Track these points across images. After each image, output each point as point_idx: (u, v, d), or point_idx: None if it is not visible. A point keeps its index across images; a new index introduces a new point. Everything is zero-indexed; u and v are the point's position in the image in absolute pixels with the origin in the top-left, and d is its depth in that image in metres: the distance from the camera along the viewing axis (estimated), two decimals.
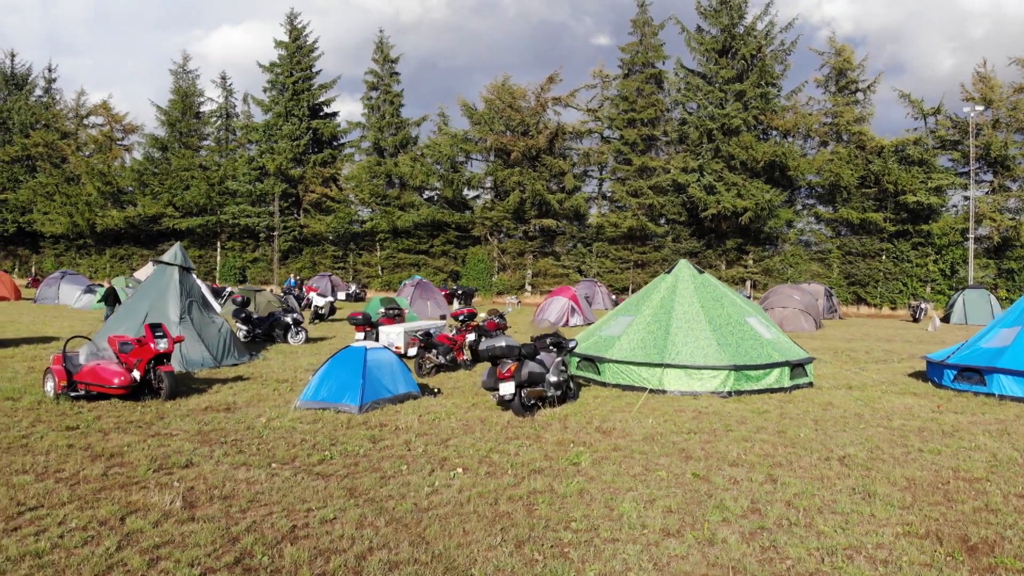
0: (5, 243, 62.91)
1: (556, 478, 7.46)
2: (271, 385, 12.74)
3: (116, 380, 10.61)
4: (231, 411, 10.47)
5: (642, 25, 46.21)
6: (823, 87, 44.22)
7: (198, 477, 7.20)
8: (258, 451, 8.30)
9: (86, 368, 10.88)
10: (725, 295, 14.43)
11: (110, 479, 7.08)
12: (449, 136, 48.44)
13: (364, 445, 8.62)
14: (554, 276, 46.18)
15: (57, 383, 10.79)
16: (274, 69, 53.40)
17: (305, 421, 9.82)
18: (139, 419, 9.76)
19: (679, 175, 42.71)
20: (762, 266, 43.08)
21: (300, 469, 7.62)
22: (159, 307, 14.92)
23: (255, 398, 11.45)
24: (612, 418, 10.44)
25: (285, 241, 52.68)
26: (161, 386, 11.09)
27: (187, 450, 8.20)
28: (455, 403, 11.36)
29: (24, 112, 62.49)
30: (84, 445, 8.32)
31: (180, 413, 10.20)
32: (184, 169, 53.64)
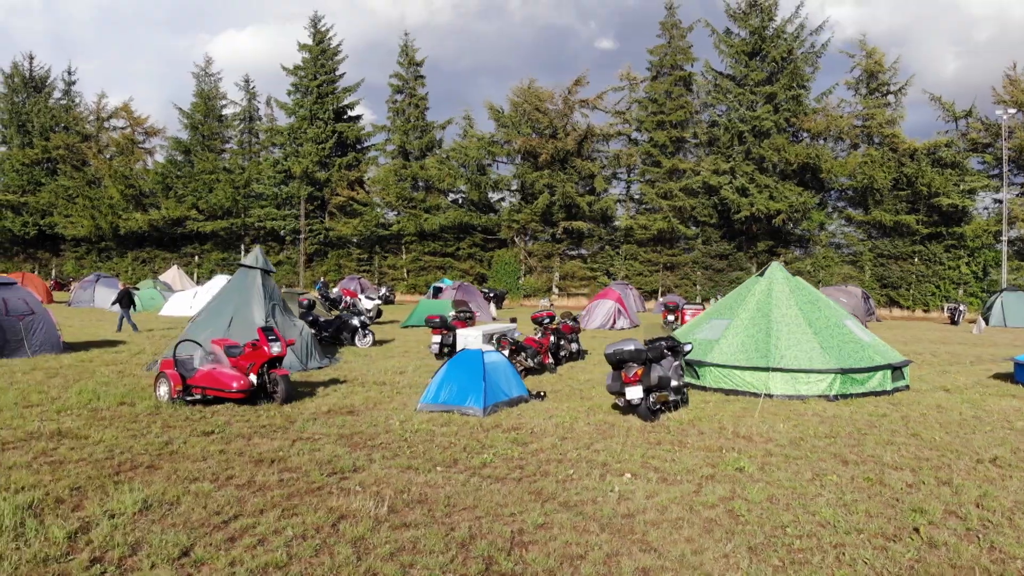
0: (25, 246, 62.81)
1: (735, 484, 7.33)
2: (372, 387, 12.63)
3: (235, 384, 10.50)
4: (354, 414, 10.36)
5: (670, 27, 46.19)
6: (853, 89, 44.19)
7: (378, 481, 7.08)
8: (413, 454, 8.18)
9: (202, 372, 10.76)
10: (820, 298, 14.32)
11: (290, 484, 6.96)
12: (476, 139, 48.37)
13: (515, 449, 8.50)
14: (582, 279, 46.09)
15: (172, 388, 10.67)
16: (297, 72, 53.38)
17: (436, 423, 9.71)
18: (269, 423, 9.64)
19: (711, 177, 42.63)
20: (793, 268, 42.90)
21: (469, 472, 7.50)
22: (244, 310, 14.81)
23: (369, 401, 11.33)
24: (742, 423, 10.31)
25: (311, 244, 52.59)
26: (276, 390, 10.97)
27: (343, 454, 8.09)
28: (569, 407, 11.24)
29: (44, 114, 62.44)
30: (237, 450, 8.20)
31: (305, 417, 10.08)
32: (208, 172, 53.57)
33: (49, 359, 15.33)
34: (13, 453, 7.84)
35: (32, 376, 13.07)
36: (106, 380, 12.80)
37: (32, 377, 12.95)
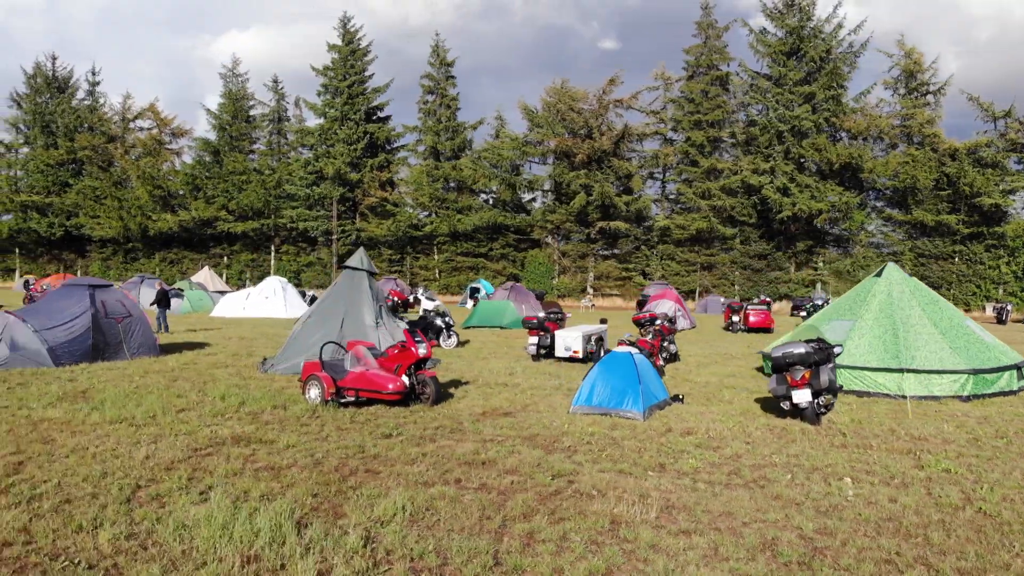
0: (50, 247, 62.66)
1: (957, 485, 7.24)
2: (500, 389, 12.51)
3: (390, 386, 10.39)
4: (512, 416, 10.24)
5: (706, 27, 46.09)
6: (891, 89, 44.09)
7: (607, 486, 6.96)
8: (612, 458, 8.06)
9: (354, 374, 10.64)
10: (939, 298, 14.24)
11: (523, 486, 6.85)
12: (510, 139, 48.25)
13: (710, 454, 8.38)
14: (617, 279, 45.98)
15: (325, 390, 10.55)
16: (327, 73, 53.25)
17: (604, 426, 9.59)
18: (440, 425, 9.53)
19: (751, 177, 42.53)
20: (832, 268, 42.87)
21: (688, 477, 7.38)
22: (355, 312, 14.72)
23: (514, 403, 11.21)
24: (904, 425, 10.22)
25: (343, 245, 52.47)
26: (425, 391, 10.87)
27: (540, 456, 7.97)
28: (715, 410, 11.13)
29: (68, 115, 62.32)
30: (435, 453, 8.08)
31: (469, 419, 9.96)
32: (239, 173, 53.45)
33: (152, 361, 15.22)
34: (214, 459, 7.72)
35: (152, 379, 12.94)
36: (236, 383, 12.67)
37: (152, 380, 12.83)
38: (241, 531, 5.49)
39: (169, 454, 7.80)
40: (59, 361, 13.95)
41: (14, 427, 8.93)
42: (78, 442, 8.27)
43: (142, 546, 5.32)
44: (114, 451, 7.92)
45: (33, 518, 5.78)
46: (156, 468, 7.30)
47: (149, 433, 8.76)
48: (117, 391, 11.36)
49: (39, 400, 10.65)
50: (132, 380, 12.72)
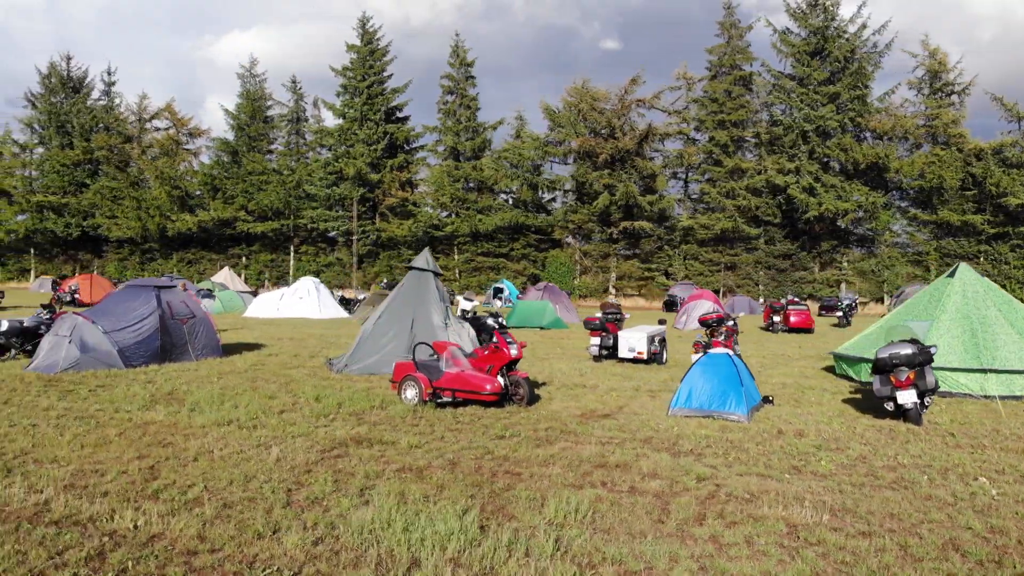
0: (66, 247, 62.57)
1: None
2: (580, 390, 12.45)
3: (488, 387, 10.33)
4: (612, 417, 10.19)
5: (729, 27, 46.05)
6: (916, 89, 44.04)
7: (761, 490, 6.91)
8: (741, 461, 8.00)
9: (450, 375, 10.58)
10: (1012, 299, 14.21)
11: (672, 489, 6.79)
12: (532, 139, 48.21)
13: (836, 456, 8.32)
14: (639, 279, 45.92)
15: (423, 391, 10.50)
16: (346, 73, 53.19)
17: (712, 428, 9.51)
18: (549, 426, 9.47)
19: (776, 176, 42.48)
20: (856, 268, 42.83)
21: (829, 479, 7.32)
22: (423, 313, 14.67)
23: (607, 405, 11.16)
24: (1004, 424, 10.20)
25: (363, 245, 52.41)
26: (519, 392, 10.81)
27: (669, 460, 7.91)
28: (815, 411, 11.07)
29: (84, 115, 62.23)
30: (567, 456, 8.02)
31: (571, 420, 9.91)
32: (258, 173, 53.39)
33: (219, 363, 15.18)
34: (348, 460, 7.67)
35: (231, 380, 12.89)
36: (319, 383, 12.62)
37: (233, 381, 12.78)
38: (426, 533, 5.43)
39: (301, 456, 7.74)
40: (129, 362, 13.89)
41: (124, 431, 8.87)
42: (199, 445, 8.21)
43: (334, 550, 5.27)
44: (241, 454, 7.87)
45: (205, 524, 5.72)
46: (294, 470, 7.25)
47: (263, 435, 8.70)
48: (206, 393, 11.30)
49: (131, 403, 10.58)
50: (211, 381, 12.67)
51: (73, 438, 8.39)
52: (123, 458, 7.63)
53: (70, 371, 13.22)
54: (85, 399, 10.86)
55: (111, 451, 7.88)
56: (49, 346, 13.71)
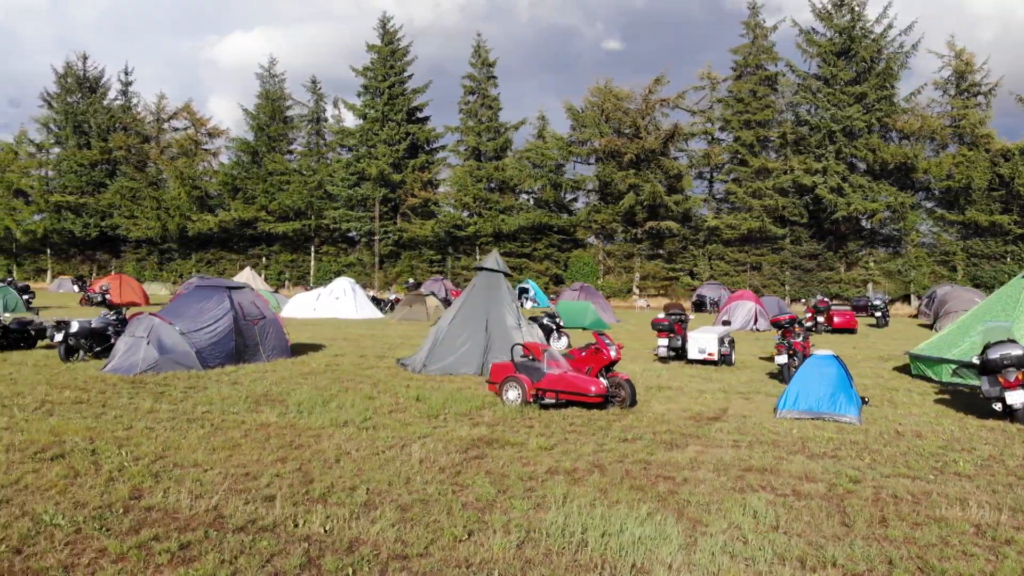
0: (83, 247, 62.44)
1: None
2: (677, 394, 12.35)
3: (593, 389, 10.28)
4: (723, 420, 10.14)
5: (753, 27, 46.01)
6: (942, 89, 44.00)
7: (920, 492, 6.85)
8: (878, 462, 7.95)
9: (553, 376, 10.52)
10: None
11: (835, 492, 6.74)
12: (555, 139, 48.17)
13: (963, 456, 8.27)
14: (663, 279, 45.86)
15: (527, 392, 10.46)
16: (367, 73, 53.13)
17: (830, 430, 9.44)
18: (670, 430, 9.41)
19: (804, 177, 42.43)
20: (883, 268, 42.79)
21: (971, 479, 7.27)
22: (496, 314, 14.63)
23: (708, 407, 11.11)
24: None
25: (385, 246, 52.35)
26: (620, 393, 10.76)
27: (806, 462, 7.86)
28: (917, 412, 11.02)
29: (101, 115, 62.11)
30: (707, 459, 7.97)
31: (683, 423, 9.86)
32: (279, 173, 53.33)
33: (292, 363, 15.14)
34: (489, 462, 7.62)
35: (317, 381, 12.85)
36: (410, 383, 12.59)
37: (319, 382, 12.73)
38: (629, 538, 5.39)
39: (444, 457, 7.70)
40: (206, 363, 13.85)
41: (246, 433, 8.82)
42: (332, 446, 8.17)
43: (544, 552, 5.23)
44: (379, 455, 7.83)
45: (396, 527, 5.68)
46: (444, 471, 7.21)
47: (387, 436, 8.65)
48: (305, 395, 11.26)
49: (233, 405, 10.53)
50: (297, 383, 12.62)
51: (198, 441, 8.34)
52: (264, 461, 7.59)
53: (149, 372, 13.17)
54: (182, 401, 10.82)
55: (246, 454, 7.84)
56: (125, 347, 13.66)
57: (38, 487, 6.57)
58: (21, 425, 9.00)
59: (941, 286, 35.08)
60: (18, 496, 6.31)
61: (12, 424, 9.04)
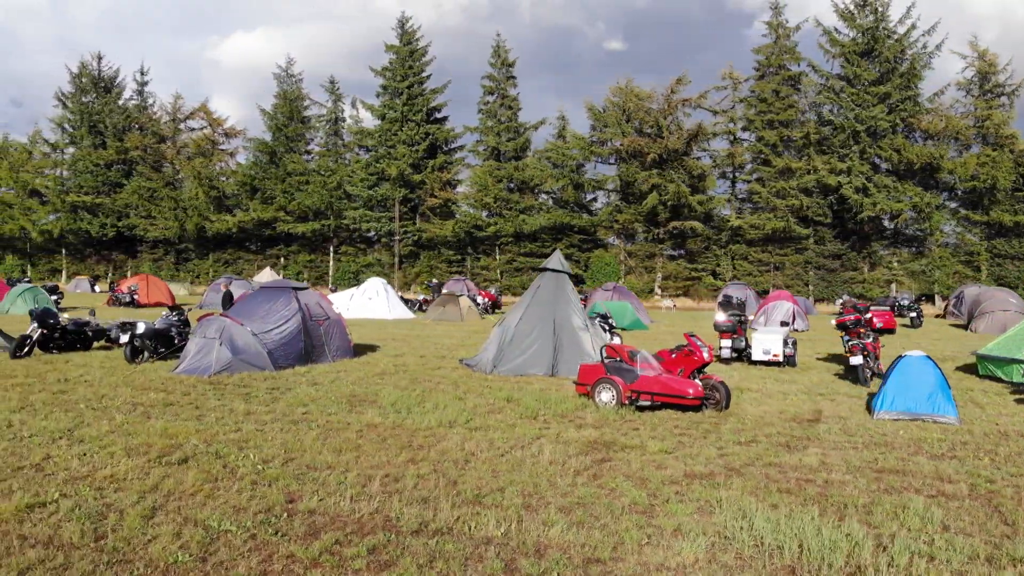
0: (98, 247, 62.38)
1: None
2: (758, 396, 12.33)
3: (690, 391, 10.23)
4: (823, 422, 10.09)
5: (776, 27, 45.98)
6: (965, 90, 43.99)
7: None
8: (1000, 463, 7.91)
9: (648, 378, 10.48)
10: None
11: (977, 492, 6.71)
12: (576, 139, 48.14)
13: None
14: (685, 279, 45.82)
15: (622, 394, 10.41)
16: (385, 73, 53.08)
17: (935, 432, 9.42)
18: (777, 431, 9.39)
19: (828, 177, 42.39)
20: (907, 268, 42.76)
21: None
22: (563, 315, 14.60)
23: (802, 409, 11.07)
24: None
25: (405, 246, 52.32)
26: (715, 395, 10.71)
27: (934, 464, 7.82)
28: (1006, 412, 11.00)
29: (117, 115, 62.06)
30: (843, 464, 7.94)
31: (786, 424, 9.83)
32: (299, 173, 53.30)
33: (359, 363, 15.11)
34: (616, 464, 7.59)
35: (396, 381, 12.81)
36: (489, 385, 12.55)
37: (398, 382, 12.69)
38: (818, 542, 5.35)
39: (573, 461, 7.65)
40: (277, 364, 13.81)
41: (360, 433, 8.79)
42: (452, 447, 8.14)
43: (737, 557, 5.19)
44: (506, 456, 7.80)
45: (572, 530, 5.64)
46: (581, 474, 7.18)
47: (501, 438, 8.60)
48: (395, 395, 11.22)
49: (326, 405, 10.50)
50: (374, 382, 12.59)
51: (316, 443, 8.30)
52: (394, 462, 7.55)
53: (223, 373, 13.12)
54: (273, 402, 10.79)
55: (372, 455, 7.80)
56: (197, 348, 13.60)
57: (182, 492, 6.52)
58: (127, 428, 8.95)
59: (968, 286, 35.05)
60: (169, 502, 6.27)
61: (117, 427, 8.99)
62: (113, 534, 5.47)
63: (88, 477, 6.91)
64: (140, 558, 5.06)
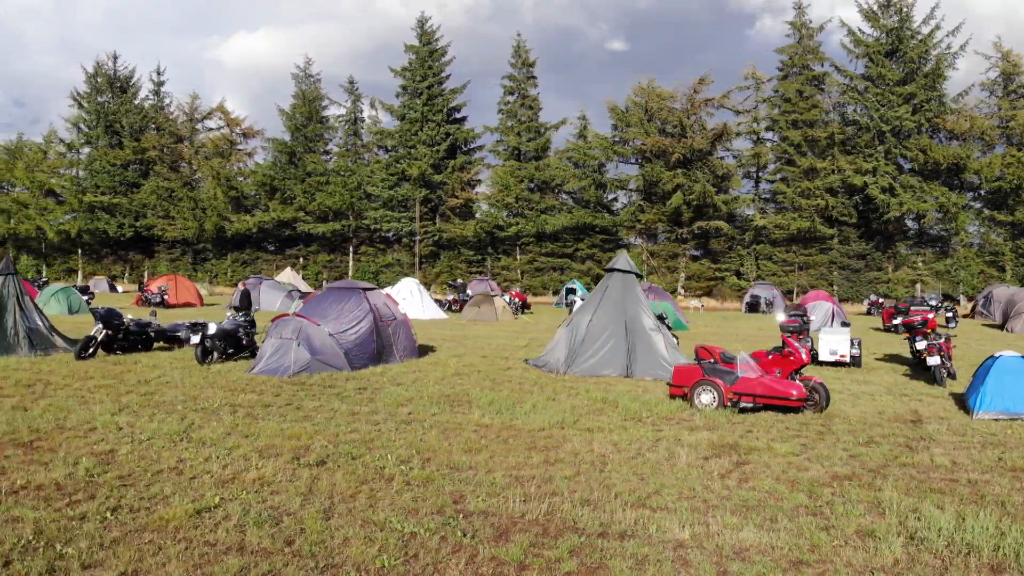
0: (115, 247, 62.32)
1: None
2: (838, 395, 12.35)
3: (794, 393, 10.24)
4: (927, 422, 10.09)
5: (800, 27, 45.99)
6: (989, 90, 43.99)
7: None
8: None
9: (748, 380, 10.48)
10: None
11: None
12: (599, 139, 48.15)
13: None
14: (709, 279, 45.83)
15: (723, 396, 10.42)
16: (405, 74, 53.07)
17: None
18: (890, 433, 9.39)
19: (854, 177, 42.41)
20: (931, 269, 42.78)
21: None
22: (634, 316, 14.58)
23: (898, 409, 11.07)
24: None
25: (426, 246, 52.32)
26: (814, 396, 10.71)
27: None
28: None
29: (134, 114, 62.02)
30: (971, 463, 7.94)
31: (887, 423, 9.83)
32: (319, 174, 53.30)
33: (429, 364, 15.14)
34: (763, 467, 7.59)
35: (476, 381, 12.81)
36: (573, 386, 12.56)
37: (479, 382, 12.70)
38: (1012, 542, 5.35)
39: (712, 464, 7.65)
40: (352, 365, 13.82)
41: (482, 434, 8.79)
42: (579, 449, 8.15)
43: (934, 555, 5.20)
44: (639, 458, 7.79)
45: (765, 533, 5.64)
46: (726, 476, 7.18)
47: (622, 439, 8.61)
48: (487, 396, 11.24)
49: (425, 406, 10.51)
50: (455, 382, 12.60)
51: (442, 443, 8.32)
52: (531, 463, 7.57)
53: (303, 374, 13.14)
54: (369, 402, 10.81)
55: (504, 456, 7.81)
56: (273, 349, 13.60)
57: (341, 494, 6.51)
58: (241, 430, 8.95)
59: (996, 286, 35.06)
60: (335, 504, 6.27)
61: (231, 429, 8.98)
62: (301, 538, 5.47)
63: (234, 480, 6.92)
64: (345, 562, 5.07)
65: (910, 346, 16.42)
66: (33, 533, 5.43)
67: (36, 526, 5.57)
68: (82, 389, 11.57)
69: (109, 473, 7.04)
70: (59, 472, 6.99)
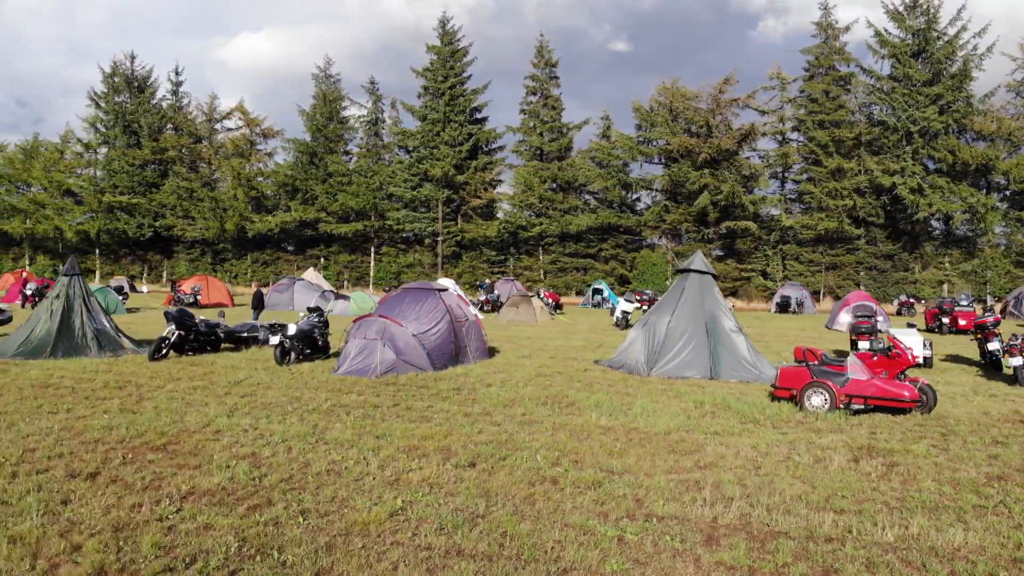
0: (134, 247, 62.25)
1: None
2: (944, 397, 12.35)
3: (906, 394, 10.24)
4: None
5: (826, 28, 45.99)
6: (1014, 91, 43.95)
7: None
8: None
9: (859, 382, 10.46)
10: None
11: None
12: (624, 138, 48.13)
13: None
14: (735, 279, 45.80)
15: (836, 398, 10.41)
16: (426, 74, 53.04)
17: None
18: (1009, 434, 9.39)
19: (883, 177, 42.40)
20: (959, 269, 42.78)
21: None
22: (713, 317, 14.56)
23: (992, 408, 11.07)
24: None
25: (448, 246, 52.30)
26: (922, 398, 10.70)
27: None
28: None
29: (152, 114, 61.94)
30: None
31: (999, 424, 9.84)
32: (341, 174, 53.26)
33: (503, 364, 15.14)
34: (913, 470, 7.59)
35: (563, 383, 12.81)
36: (665, 388, 12.56)
37: (569, 384, 12.70)
38: None
39: (865, 466, 7.65)
40: (434, 365, 13.83)
41: (613, 436, 8.80)
42: (722, 453, 8.15)
43: None
44: (786, 461, 7.79)
45: (964, 534, 5.65)
46: (883, 479, 7.18)
47: (751, 442, 8.61)
48: (587, 398, 11.27)
49: (531, 408, 10.51)
50: (542, 384, 12.59)
51: (578, 445, 8.35)
52: (683, 466, 7.58)
53: (388, 375, 13.14)
54: (473, 403, 10.83)
55: (648, 459, 7.84)
56: (358, 350, 13.61)
57: (515, 496, 6.53)
58: (369, 430, 8.97)
59: None
60: (520, 507, 6.28)
61: (360, 430, 8.99)
62: (512, 542, 5.48)
63: (398, 482, 6.93)
64: (573, 567, 5.08)
65: (980, 347, 16.40)
66: (237, 541, 5.42)
67: (236, 533, 5.56)
68: (176, 391, 11.58)
69: (268, 477, 7.04)
70: (219, 477, 6.99)
